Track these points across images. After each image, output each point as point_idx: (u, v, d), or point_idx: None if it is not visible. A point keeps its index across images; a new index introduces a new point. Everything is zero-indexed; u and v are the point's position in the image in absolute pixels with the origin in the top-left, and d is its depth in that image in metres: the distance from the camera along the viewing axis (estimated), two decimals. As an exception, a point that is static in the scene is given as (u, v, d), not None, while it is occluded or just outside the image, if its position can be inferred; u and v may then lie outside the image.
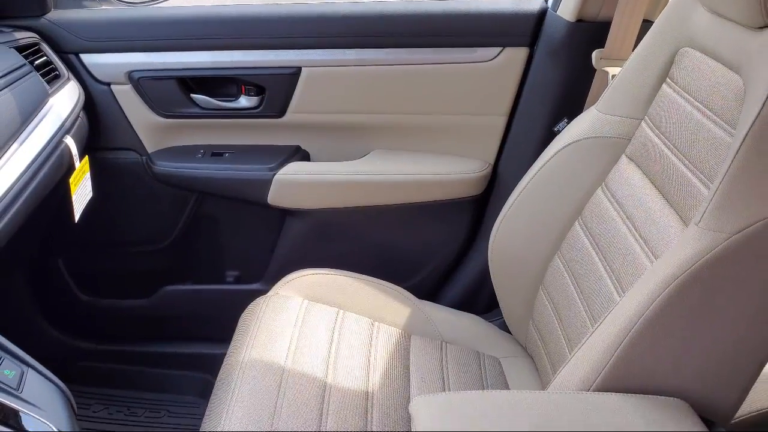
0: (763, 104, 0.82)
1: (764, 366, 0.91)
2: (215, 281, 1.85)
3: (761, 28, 0.90)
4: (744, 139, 0.83)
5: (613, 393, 0.88)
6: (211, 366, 1.66)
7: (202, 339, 1.85)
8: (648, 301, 0.87)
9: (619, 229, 1.14)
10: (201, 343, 1.86)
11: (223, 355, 1.32)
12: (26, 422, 0.79)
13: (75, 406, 0.89)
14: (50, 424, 0.81)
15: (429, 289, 1.79)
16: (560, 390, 0.94)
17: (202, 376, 1.82)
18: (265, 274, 1.79)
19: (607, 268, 1.13)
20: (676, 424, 0.85)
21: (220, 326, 1.63)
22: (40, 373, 0.89)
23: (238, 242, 1.81)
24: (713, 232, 0.84)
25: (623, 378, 0.89)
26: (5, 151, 1.17)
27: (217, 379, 1.27)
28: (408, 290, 1.54)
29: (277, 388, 1.19)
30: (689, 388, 0.89)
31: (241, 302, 1.48)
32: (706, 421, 0.89)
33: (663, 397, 0.89)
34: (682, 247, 0.87)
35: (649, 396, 0.88)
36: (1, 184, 1.13)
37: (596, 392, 0.89)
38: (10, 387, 0.84)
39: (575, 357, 0.94)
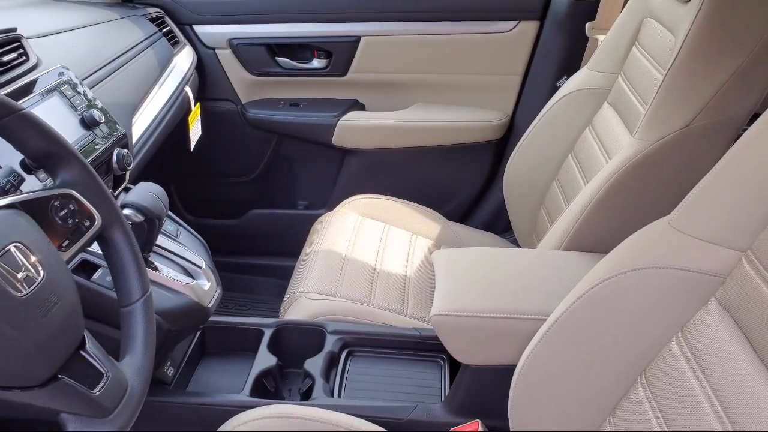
0: (679, 50, 1.13)
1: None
2: (290, 207, 2.17)
3: (686, 2, 1.21)
4: (665, 75, 1.15)
5: (572, 251, 1.22)
6: (285, 274, 1.95)
7: (279, 253, 2.16)
8: (598, 188, 1.20)
9: (595, 152, 1.45)
10: (278, 256, 2.16)
11: (293, 266, 1.63)
12: (188, 255, 1.18)
13: (209, 251, 1.27)
14: (199, 257, 1.19)
15: (458, 214, 2.08)
16: (538, 250, 1.29)
17: (278, 281, 2.10)
18: (328, 201, 2.10)
19: (584, 178, 1.45)
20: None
21: (292, 243, 1.92)
22: (188, 230, 1.28)
23: (308, 175, 2.13)
24: (642, 140, 1.17)
25: (581, 241, 1.22)
26: (149, 92, 1.54)
27: (296, 263, 1.63)
28: (441, 214, 1.84)
29: (340, 267, 1.54)
30: (626, 248, 1.21)
31: (309, 224, 1.79)
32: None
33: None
34: (622, 151, 1.20)
35: (597, 254, 1.21)
36: (148, 116, 1.50)
37: (561, 250, 1.22)
38: (172, 236, 1.22)
39: (551, 228, 1.28)
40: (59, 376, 0.66)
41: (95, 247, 0.94)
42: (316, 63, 1.99)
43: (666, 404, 0.79)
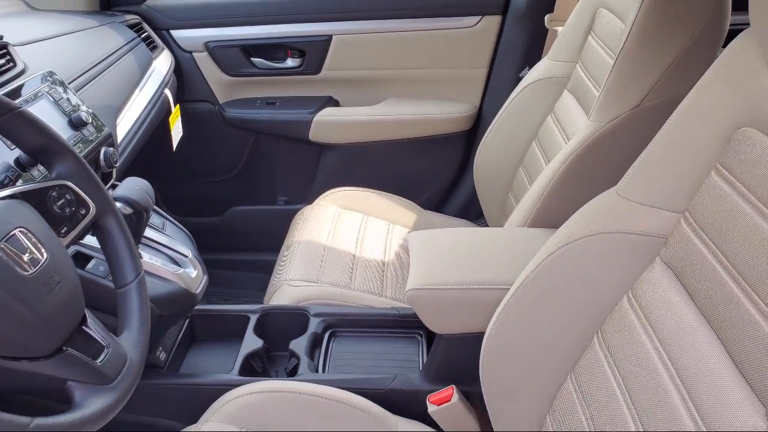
0: (627, 36, 1.21)
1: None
2: (270, 203, 2.22)
3: (634, -10, 1.28)
4: (616, 60, 1.23)
5: (534, 228, 1.29)
6: (267, 268, 1.92)
7: (261, 248, 2.19)
8: (557, 168, 1.27)
9: (556, 136, 1.53)
10: (260, 252, 2.19)
11: (275, 260, 1.67)
12: (175, 246, 1.23)
13: (194, 242, 1.33)
14: (185, 247, 1.25)
15: (433, 203, 2.14)
16: (505, 228, 1.36)
17: (261, 276, 2.08)
18: (307, 196, 2.14)
19: (546, 162, 1.52)
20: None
21: (274, 238, 1.95)
22: (173, 222, 1.33)
23: (286, 171, 2.18)
24: (596, 122, 1.25)
25: (543, 219, 1.29)
26: (131, 94, 1.59)
27: (279, 253, 1.69)
28: (417, 204, 1.90)
29: (321, 256, 1.59)
30: (585, 224, 1.29)
31: (290, 219, 1.84)
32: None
33: (568, 230, 1.29)
34: (579, 133, 1.28)
35: (558, 229, 1.28)
36: (131, 117, 1.55)
37: (525, 227, 1.30)
38: (159, 228, 1.28)
39: (516, 208, 1.36)
40: (64, 348, 0.72)
41: (87, 240, 1.00)
42: (290, 62, 2.05)
43: (620, 357, 0.87)
